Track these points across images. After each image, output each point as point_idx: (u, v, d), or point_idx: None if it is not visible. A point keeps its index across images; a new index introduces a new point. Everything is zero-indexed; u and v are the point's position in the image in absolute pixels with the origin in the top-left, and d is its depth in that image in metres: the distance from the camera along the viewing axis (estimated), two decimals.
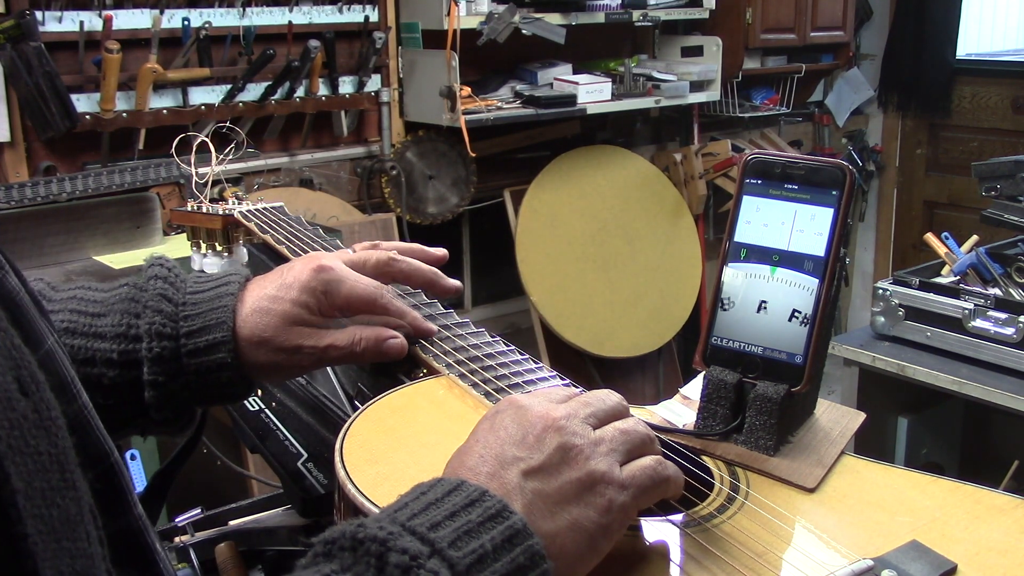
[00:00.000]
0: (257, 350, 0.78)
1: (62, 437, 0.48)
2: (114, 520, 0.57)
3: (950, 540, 0.64)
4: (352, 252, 0.88)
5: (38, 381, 0.48)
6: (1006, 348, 2.17)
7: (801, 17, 3.77)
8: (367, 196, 3.06)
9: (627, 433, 0.61)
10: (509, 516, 0.52)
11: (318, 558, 0.51)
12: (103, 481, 0.57)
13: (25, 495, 0.44)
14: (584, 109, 3.12)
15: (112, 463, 0.58)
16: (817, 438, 0.77)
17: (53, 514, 0.45)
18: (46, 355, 0.54)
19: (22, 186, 2.23)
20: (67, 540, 0.46)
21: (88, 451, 0.56)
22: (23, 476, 0.44)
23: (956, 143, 4.32)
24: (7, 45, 2.28)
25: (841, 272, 0.77)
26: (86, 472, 0.51)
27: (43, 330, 0.55)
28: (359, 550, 0.49)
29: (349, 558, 0.49)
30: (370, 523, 0.50)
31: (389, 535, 0.49)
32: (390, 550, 0.49)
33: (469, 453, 0.59)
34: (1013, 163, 2.48)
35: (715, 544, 0.62)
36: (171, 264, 0.81)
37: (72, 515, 0.47)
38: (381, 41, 2.87)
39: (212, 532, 1.04)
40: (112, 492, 0.58)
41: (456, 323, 0.89)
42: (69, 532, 0.46)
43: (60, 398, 0.51)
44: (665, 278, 3.61)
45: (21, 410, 0.46)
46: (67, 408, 0.54)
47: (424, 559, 0.49)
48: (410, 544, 0.49)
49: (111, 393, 0.76)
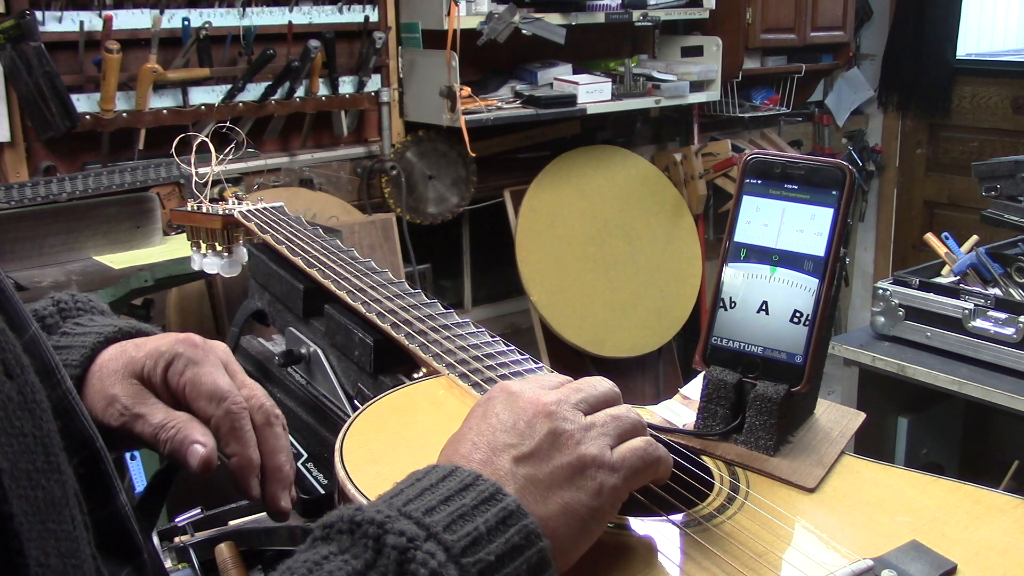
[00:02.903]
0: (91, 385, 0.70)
1: (47, 420, 0.48)
2: (100, 506, 0.57)
3: (950, 540, 0.64)
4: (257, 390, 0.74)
5: (23, 364, 0.48)
6: (1006, 348, 2.17)
7: (801, 17, 3.77)
8: (367, 196, 3.06)
9: (617, 418, 0.62)
10: (502, 499, 0.53)
11: (316, 542, 0.51)
12: (88, 466, 0.57)
13: (10, 475, 0.44)
14: (584, 109, 3.12)
15: (97, 449, 0.58)
16: (817, 438, 0.77)
17: (38, 495, 0.46)
18: (31, 340, 0.55)
19: (22, 186, 2.23)
20: (52, 522, 0.46)
21: (73, 436, 0.57)
22: (8, 456, 0.45)
23: (956, 143, 4.32)
24: (7, 45, 2.28)
25: (841, 272, 0.77)
26: (71, 457, 0.51)
27: (27, 316, 0.56)
28: (356, 532, 0.50)
29: (347, 540, 0.50)
30: (368, 507, 0.51)
31: (387, 518, 0.50)
32: (387, 532, 0.49)
33: (462, 440, 0.59)
34: (1013, 163, 2.48)
35: (715, 544, 0.62)
36: (79, 301, 0.78)
37: (57, 497, 0.47)
38: (381, 41, 2.87)
39: (212, 532, 1.04)
40: (97, 478, 0.58)
41: (456, 323, 0.89)
42: (54, 514, 0.47)
43: (45, 383, 0.52)
44: (665, 278, 3.61)
45: (6, 392, 0.46)
46: (52, 393, 0.54)
47: (420, 541, 0.49)
48: (406, 527, 0.50)
49: None
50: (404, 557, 0.49)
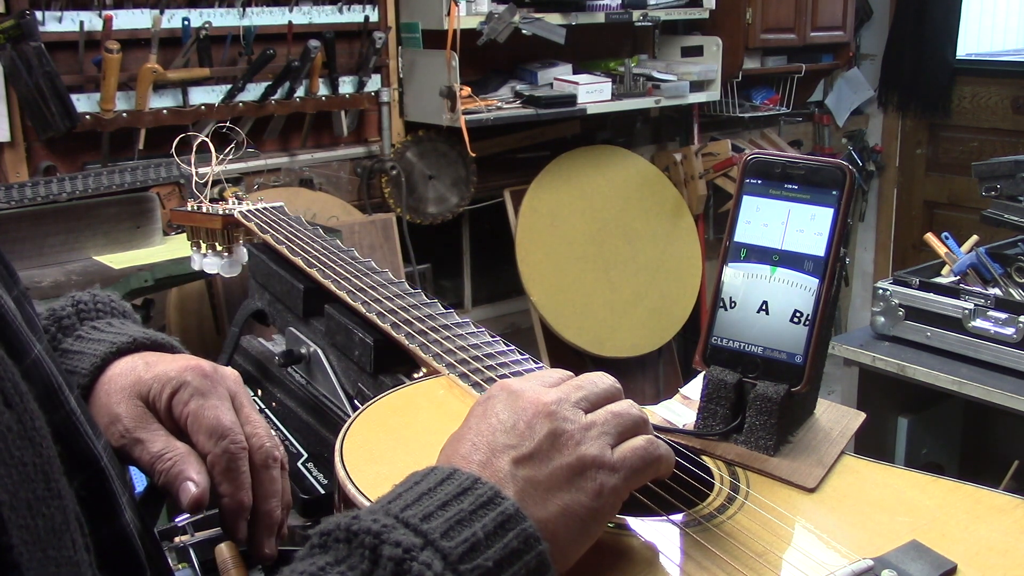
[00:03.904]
0: (98, 398, 0.71)
1: (47, 447, 0.48)
2: (103, 525, 0.57)
3: (950, 540, 0.64)
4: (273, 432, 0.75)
5: (22, 392, 0.48)
6: (1006, 348, 2.17)
7: (801, 17, 3.77)
8: (367, 196, 3.06)
9: (619, 416, 0.61)
10: (501, 502, 0.53)
11: (314, 550, 0.51)
12: (90, 487, 0.57)
13: (10, 506, 0.44)
14: (584, 109, 3.12)
15: (100, 468, 0.58)
16: (817, 438, 0.77)
17: (38, 524, 0.46)
18: (32, 364, 0.55)
19: (22, 186, 2.22)
20: (52, 549, 0.46)
21: (75, 458, 0.57)
22: (8, 487, 0.45)
23: (956, 143, 4.32)
24: (7, 45, 2.28)
25: (841, 272, 0.77)
26: (72, 479, 0.51)
27: (29, 340, 0.55)
28: (353, 542, 0.50)
29: (344, 550, 0.50)
30: (364, 515, 0.51)
31: (383, 528, 0.50)
32: (384, 543, 0.49)
33: (462, 441, 0.59)
34: (1013, 163, 2.48)
35: (715, 544, 0.62)
36: (102, 300, 0.78)
37: (57, 524, 0.47)
38: (381, 41, 2.87)
39: (212, 532, 1.04)
40: (100, 497, 0.58)
41: (456, 323, 0.89)
42: (54, 541, 0.47)
43: (45, 406, 0.51)
44: (665, 278, 3.61)
45: (5, 422, 0.46)
46: (53, 416, 0.54)
47: (417, 551, 0.49)
48: (403, 537, 0.49)
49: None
50: (401, 569, 0.48)
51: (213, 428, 0.68)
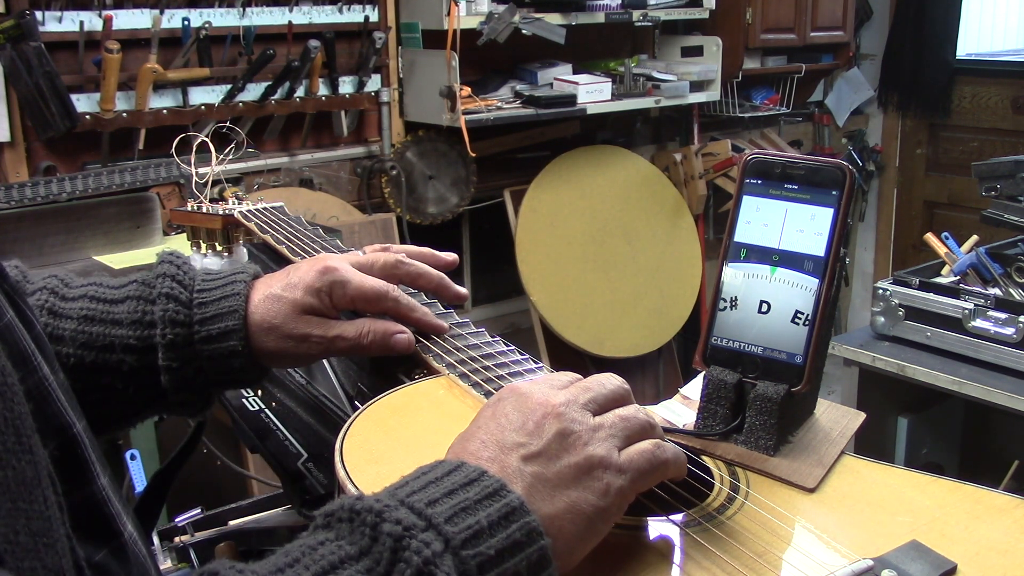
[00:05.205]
0: (267, 336, 0.79)
1: (18, 402, 0.49)
2: (77, 489, 0.58)
3: (950, 540, 0.64)
4: (362, 254, 0.90)
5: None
6: (1006, 348, 2.17)
7: (801, 17, 3.77)
8: (367, 196, 3.06)
9: (626, 419, 0.62)
10: (507, 495, 0.54)
11: (317, 529, 0.53)
12: (64, 451, 0.58)
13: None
14: (584, 109, 3.12)
15: (74, 435, 0.59)
16: (817, 438, 0.77)
17: (8, 475, 0.46)
18: (5, 327, 0.55)
19: (22, 186, 2.22)
20: (23, 501, 0.47)
21: (48, 421, 0.57)
22: None
23: (956, 143, 4.32)
24: (7, 45, 2.28)
25: (841, 272, 0.77)
26: (47, 441, 0.52)
27: (2, 304, 0.57)
28: (355, 520, 0.51)
29: (346, 528, 0.51)
30: (369, 497, 0.52)
31: (385, 507, 0.51)
32: (384, 520, 0.50)
33: (471, 439, 0.60)
34: (1013, 163, 2.48)
35: (715, 544, 0.62)
36: (182, 260, 0.82)
37: (28, 478, 0.48)
38: (381, 41, 2.87)
39: (212, 532, 1.04)
40: (74, 462, 0.59)
41: (456, 323, 0.89)
42: (25, 494, 0.47)
43: (20, 368, 0.53)
44: (665, 278, 3.61)
45: None
46: (28, 378, 0.55)
47: (417, 531, 0.50)
48: (404, 516, 0.51)
49: (131, 378, 0.77)
50: (399, 545, 0.49)
51: (375, 296, 0.82)
